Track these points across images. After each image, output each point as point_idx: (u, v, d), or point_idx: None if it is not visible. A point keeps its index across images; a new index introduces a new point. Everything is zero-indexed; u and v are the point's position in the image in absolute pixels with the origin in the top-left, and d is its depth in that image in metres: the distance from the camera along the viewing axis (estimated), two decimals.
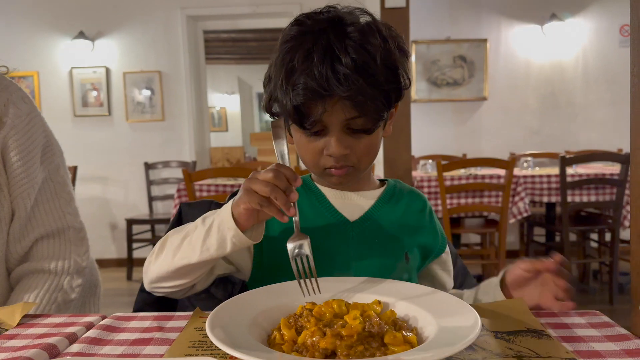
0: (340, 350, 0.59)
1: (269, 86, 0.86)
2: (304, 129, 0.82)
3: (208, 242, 0.79)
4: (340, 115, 0.81)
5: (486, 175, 3.48)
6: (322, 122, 0.81)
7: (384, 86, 0.80)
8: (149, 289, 0.90)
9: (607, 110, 4.62)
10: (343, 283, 0.81)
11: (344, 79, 0.76)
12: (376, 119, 0.83)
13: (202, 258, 0.80)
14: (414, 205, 0.99)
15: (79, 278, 1.20)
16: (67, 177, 1.25)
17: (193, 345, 0.70)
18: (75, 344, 0.71)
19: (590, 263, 3.86)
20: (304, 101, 0.79)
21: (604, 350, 0.66)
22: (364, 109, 0.80)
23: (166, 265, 0.83)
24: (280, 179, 0.72)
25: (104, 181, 4.82)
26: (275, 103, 0.85)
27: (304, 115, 0.80)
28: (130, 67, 4.78)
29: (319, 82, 0.77)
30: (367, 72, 0.78)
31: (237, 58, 9.02)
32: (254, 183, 0.73)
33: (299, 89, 0.78)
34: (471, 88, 4.61)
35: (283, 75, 0.80)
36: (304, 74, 0.78)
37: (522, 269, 0.85)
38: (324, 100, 0.78)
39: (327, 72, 0.76)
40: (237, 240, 0.77)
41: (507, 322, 0.76)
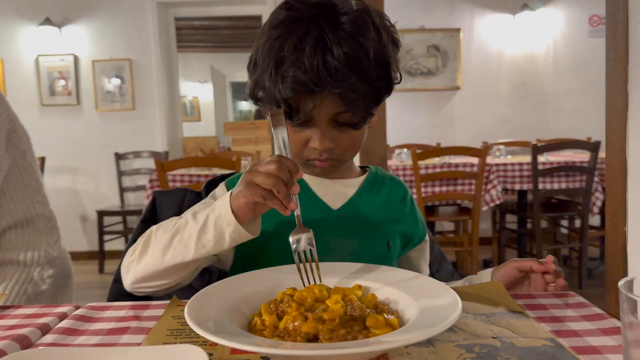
0: (323, 334, 0.59)
1: (255, 72, 0.83)
2: (291, 120, 0.80)
3: (204, 238, 0.75)
4: (328, 110, 0.79)
5: (460, 164, 3.52)
6: (310, 115, 0.80)
7: (375, 82, 0.79)
8: (130, 290, 0.85)
9: (576, 99, 4.70)
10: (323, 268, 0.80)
11: (335, 73, 0.74)
12: (364, 115, 0.82)
13: (198, 255, 0.76)
14: (395, 193, 0.99)
15: (50, 269, 1.17)
16: (35, 164, 1.20)
17: (171, 334, 0.69)
18: (49, 335, 0.69)
19: (560, 249, 3.94)
20: (294, 95, 0.76)
21: (580, 329, 0.67)
22: (354, 105, 0.78)
23: (154, 264, 0.79)
24: (283, 171, 0.69)
25: (73, 172, 4.71)
26: (261, 90, 0.82)
27: (292, 109, 0.78)
28: (100, 55, 4.67)
29: (309, 76, 0.74)
30: (359, 68, 0.76)
31: (210, 46, 8.89)
32: (255, 175, 0.70)
33: (289, 81, 0.75)
34: (445, 77, 4.65)
35: (272, 64, 0.77)
36: (294, 65, 0.75)
37: (515, 267, 0.86)
38: (314, 94, 0.76)
39: (319, 64, 0.74)
40: (237, 235, 0.74)
41: (486, 304, 0.77)
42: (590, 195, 3.36)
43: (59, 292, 1.24)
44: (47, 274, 1.16)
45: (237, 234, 0.74)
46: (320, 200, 0.92)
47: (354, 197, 0.94)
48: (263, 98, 0.84)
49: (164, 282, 0.82)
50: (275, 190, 0.69)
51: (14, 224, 1.12)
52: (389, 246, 0.93)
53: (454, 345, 0.63)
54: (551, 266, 0.84)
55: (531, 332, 0.67)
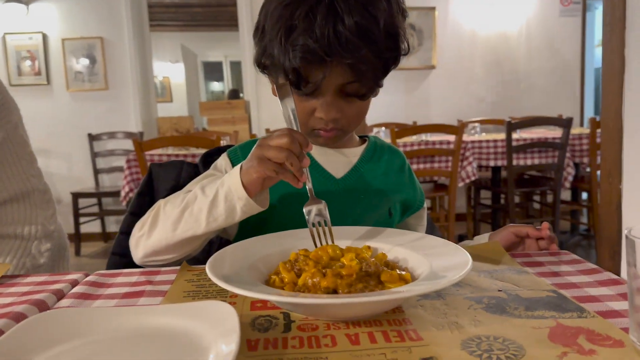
0: (342, 289, 0.61)
1: (263, 39, 0.82)
2: (299, 90, 0.80)
3: (215, 212, 0.76)
4: (337, 79, 0.79)
5: (436, 142, 3.57)
6: (319, 85, 0.80)
7: (384, 54, 0.79)
8: (140, 263, 0.86)
9: (547, 78, 4.81)
10: None
11: (346, 43, 0.74)
12: (372, 86, 0.83)
13: (210, 229, 0.77)
14: (394, 162, 1.01)
15: (48, 242, 1.16)
16: (27, 137, 1.19)
17: (188, 295, 0.70)
18: (65, 299, 0.70)
19: (533, 223, 4.06)
20: (304, 64, 0.76)
21: (579, 282, 0.71)
22: (363, 76, 0.79)
23: (165, 238, 0.80)
24: (295, 144, 0.69)
25: (45, 154, 4.60)
26: (269, 59, 0.81)
27: (302, 78, 0.78)
28: (70, 34, 4.54)
29: (320, 45, 0.74)
30: (370, 39, 0.76)
31: (181, 25, 8.73)
32: (267, 150, 0.70)
33: (299, 50, 0.75)
34: (420, 57, 4.68)
35: (282, 32, 0.76)
36: (305, 34, 0.75)
37: (513, 232, 0.90)
38: (324, 64, 0.76)
39: (330, 33, 0.74)
40: (248, 208, 0.75)
41: (487, 262, 0.81)
42: (562, 171, 3.46)
43: (55, 265, 1.23)
44: (44, 248, 1.15)
45: (248, 207, 0.75)
46: (324, 170, 0.93)
47: (356, 166, 0.95)
48: (270, 66, 0.83)
49: (175, 255, 0.83)
50: (289, 163, 0.69)
51: (9, 198, 1.11)
52: (390, 213, 0.96)
53: (463, 298, 0.66)
54: (546, 232, 0.88)
55: (534, 285, 0.71)
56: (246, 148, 0.95)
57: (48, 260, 1.17)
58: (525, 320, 0.59)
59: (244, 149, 0.96)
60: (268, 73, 0.87)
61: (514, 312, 0.62)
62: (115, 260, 1.14)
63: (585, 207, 4.08)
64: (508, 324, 0.58)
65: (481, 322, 0.59)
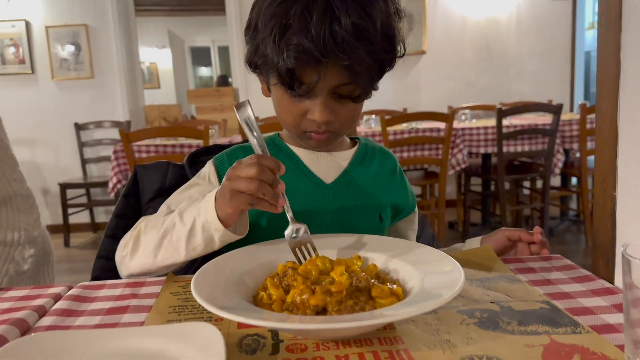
0: (331, 306, 0.60)
1: (255, 37, 0.79)
2: (293, 91, 0.77)
3: (193, 241, 0.77)
4: (331, 81, 0.76)
5: (427, 129, 3.55)
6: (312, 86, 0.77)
7: (380, 55, 0.76)
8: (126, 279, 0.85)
9: (537, 62, 4.79)
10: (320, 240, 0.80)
11: (342, 43, 0.71)
12: (367, 89, 0.80)
13: (190, 257, 0.78)
14: (385, 165, 0.99)
15: (32, 248, 1.14)
16: (7, 141, 1.15)
17: (174, 310, 0.69)
18: (46, 317, 0.68)
19: (522, 209, 4.08)
20: (298, 64, 0.73)
21: (572, 291, 0.70)
22: (358, 77, 0.76)
23: (148, 264, 0.81)
24: (265, 173, 0.68)
25: (31, 144, 4.54)
26: (262, 58, 0.78)
27: (295, 79, 0.75)
28: (53, 21, 4.44)
29: (316, 45, 0.71)
30: (366, 40, 0.73)
31: (167, 9, 8.58)
32: (238, 183, 0.69)
33: (293, 50, 0.72)
34: (410, 42, 4.62)
35: (276, 30, 0.73)
36: (300, 33, 0.71)
37: (506, 236, 0.89)
38: (320, 65, 0.73)
39: (325, 33, 0.71)
40: (226, 238, 0.76)
41: (479, 269, 0.79)
42: (552, 157, 3.46)
43: (40, 270, 1.21)
44: (28, 254, 1.12)
45: (226, 237, 0.76)
46: (313, 175, 0.91)
47: (347, 170, 0.93)
48: (262, 66, 0.80)
49: (162, 273, 0.83)
50: (261, 193, 0.68)
51: None
52: (380, 218, 0.94)
53: (455, 311, 0.65)
54: (538, 237, 0.87)
55: (526, 295, 0.69)
56: (233, 155, 0.93)
57: (32, 266, 1.15)
58: (518, 337, 0.58)
59: (230, 156, 0.93)
60: (259, 73, 0.84)
61: (507, 327, 0.60)
62: (101, 264, 1.12)
63: (574, 193, 4.10)
64: (501, 341, 0.57)
65: (474, 340, 0.57)
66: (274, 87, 0.82)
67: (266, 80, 0.84)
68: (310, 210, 0.88)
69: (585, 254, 3.51)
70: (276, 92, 0.83)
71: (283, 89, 0.79)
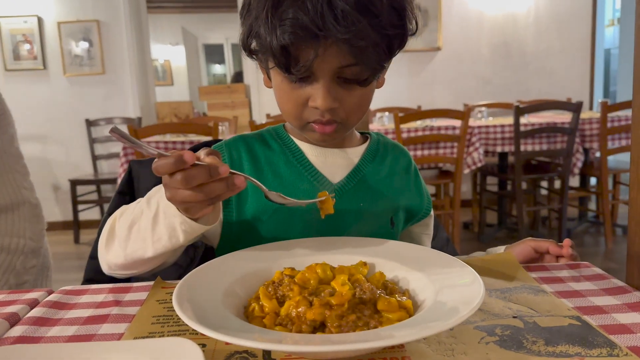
0: (331, 322, 0.52)
1: (248, 17, 0.70)
2: (290, 73, 0.69)
3: (158, 231, 0.66)
4: (333, 62, 0.68)
5: (442, 127, 3.46)
6: (311, 67, 0.68)
7: (388, 30, 0.67)
8: (109, 274, 0.77)
9: (556, 59, 4.66)
10: (322, 243, 0.73)
11: (343, 17, 0.63)
12: (375, 69, 0.70)
13: (157, 251, 0.67)
14: (399, 163, 0.90)
15: (34, 259, 1.10)
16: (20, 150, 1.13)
17: (157, 321, 0.62)
18: (17, 327, 0.61)
19: (540, 210, 3.96)
20: (294, 41, 0.65)
21: (605, 305, 0.62)
22: (363, 56, 0.67)
23: (120, 257, 0.71)
24: (193, 177, 0.56)
25: (42, 140, 4.52)
26: (256, 39, 0.70)
27: (291, 58, 0.67)
28: (65, 17, 4.42)
29: (312, 18, 0.63)
30: (371, 12, 0.64)
31: (181, 7, 8.56)
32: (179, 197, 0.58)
33: (288, 25, 0.64)
34: (425, 38, 4.54)
35: (269, 5, 0.65)
36: (294, 6, 0.63)
37: (532, 246, 0.81)
38: (317, 41, 0.65)
39: (323, 6, 0.63)
40: (188, 227, 0.64)
41: (499, 277, 0.72)
42: (571, 156, 3.35)
43: (38, 284, 1.16)
44: (30, 264, 1.09)
45: (187, 225, 0.64)
46: (318, 173, 0.82)
47: (356, 168, 0.84)
48: (258, 49, 0.72)
49: (138, 270, 0.74)
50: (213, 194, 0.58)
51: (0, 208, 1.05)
52: (392, 223, 0.85)
53: (472, 328, 0.57)
54: (568, 250, 0.79)
55: (553, 309, 0.62)
56: (233, 145, 0.85)
57: (32, 277, 1.10)
58: (545, 359, 0.50)
59: (230, 146, 0.85)
60: (257, 57, 0.75)
61: (532, 346, 0.53)
62: (94, 265, 1.05)
63: (594, 194, 3.97)
64: None
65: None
66: (273, 73, 0.75)
67: (264, 66, 0.76)
68: (312, 212, 0.80)
69: (604, 257, 3.39)
70: (275, 78, 0.75)
71: (282, 74, 0.70)
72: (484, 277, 0.70)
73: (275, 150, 0.84)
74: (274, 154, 0.83)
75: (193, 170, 0.56)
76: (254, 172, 0.81)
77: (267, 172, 0.82)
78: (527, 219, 3.94)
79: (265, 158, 0.83)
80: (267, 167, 0.82)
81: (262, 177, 0.81)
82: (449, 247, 1.17)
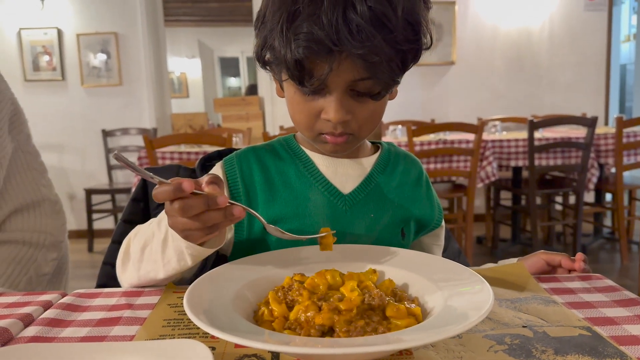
0: (339, 327, 0.52)
1: (263, 29, 0.71)
2: (303, 86, 0.70)
3: (167, 254, 0.67)
4: (347, 75, 0.68)
5: (455, 140, 3.45)
6: (325, 81, 0.68)
7: (402, 45, 0.67)
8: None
9: (571, 73, 4.64)
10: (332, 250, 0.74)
11: (358, 32, 0.63)
12: (388, 84, 0.71)
13: (168, 272, 0.69)
14: (410, 173, 0.90)
15: (54, 252, 1.12)
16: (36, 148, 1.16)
17: (168, 324, 0.62)
18: (31, 327, 0.62)
19: (554, 225, 3.92)
20: (308, 55, 0.65)
21: (616, 316, 0.62)
22: (377, 70, 0.67)
23: (134, 278, 0.73)
24: (190, 207, 0.57)
25: (59, 149, 4.59)
26: (270, 51, 0.71)
27: (305, 72, 0.67)
28: (84, 29, 4.50)
29: (327, 33, 0.63)
30: (385, 27, 0.64)
31: (197, 20, 8.68)
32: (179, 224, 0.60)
33: (302, 39, 0.64)
34: (439, 52, 4.55)
35: (284, 18, 0.65)
36: (309, 21, 0.64)
37: (545, 259, 0.81)
38: (332, 56, 0.65)
39: (338, 20, 0.63)
40: (194, 251, 0.65)
41: (509, 288, 0.71)
42: (586, 172, 3.32)
43: (56, 277, 1.18)
44: (51, 257, 1.12)
45: (193, 249, 0.65)
46: (329, 183, 0.82)
47: (367, 179, 0.84)
48: (272, 61, 0.72)
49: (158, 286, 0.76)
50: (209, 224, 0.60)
51: (20, 207, 1.09)
52: (403, 234, 0.85)
53: (482, 336, 0.57)
54: (580, 265, 0.79)
55: (563, 319, 0.61)
56: (243, 157, 0.86)
57: (52, 270, 1.13)
58: None
59: (240, 158, 0.86)
60: (270, 69, 0.76)
61: (542, 355, 0.53)
62: (107, 271, 1.07)
63: (609, 210, 3.93)
64: None
65: None
66: (286, 85, 0.75)
67: (278, 77, 0.76)
68: (323, 222, 0.80)
69: (620, 274, 3.34)
70: (288, 89, 0.76)
71: (295, 85, 0.71)
72: (494, 287, 0.70)
73: (286, 160, 0.84)
74: (284, 165, 0.84)
75: (191, 200, 0.57)
76: (264, 183, 0.82)
77: (277, 183, 0.82)
78: (541, 235, 3.90)
79: (276, 169, 0.84)
80: (277, 178, 0.83)
81: (273, 188, 0.82)
82: (460, 258, 1.16)
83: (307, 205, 0.81)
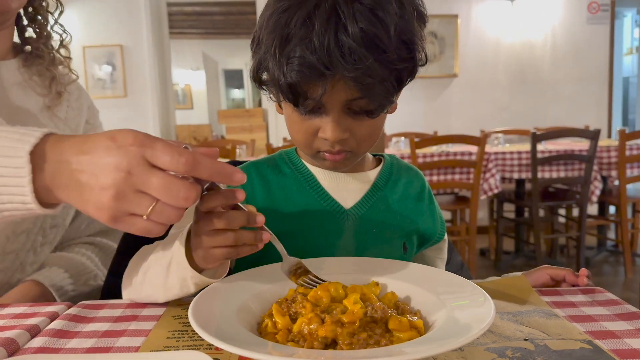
0: (342, 339, 0.53)
1: (258, 51, 0.72)
2: (298, 108, 0.70)
3: (170, 280, 0.67)
4: (341, 96, 0.68)
5: (457, 152, 3.47)
6: (320, 101, 0.69)
7: (396, 65, 0.67)
8: None
9: (573, 87, 4.67)
10: (335, 263, 0.74)
11: (350, 54, 0.63)
12: (382, 102, 0.71)
13: (169, 298, 0.70)
14: (412, 186, 0.89)
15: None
16: None
17: (172, 336, 0.63)
18: (38, 338, 0.63)
19: (557, 238, 3.92)
20: (300, 79, 0.65)
21: (618, 330, 0.62)
22: (371, 91, 0.67)
23: (137, 298, 0.74)
24: (235, 218, 0.60)
25: None
26: (265, 72, 0.72)
27: (299, 94, 0.68)
28: (90, 41, 4.56)
29: (319, 57, 0.63)
30: (378, 48, 0.64)
31: (202, 32, 8.76)
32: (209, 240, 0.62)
33: (295, 63, 0.64)
34: (442, 65, 4.58)
35: (277, 42, 0.66)
36: (301, 45, 0.64)
37: (549, 274, 0.81)
38: (325, 78, 0.65)
39: (330, 43, 0.63)
40: (199, 280, 0.66)
41: (511, 301, 0.72)
42: (589, 184, 3.33)
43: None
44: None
45: (197, 279, 0.66)
46: (330, 198, 0.82)
47: (369, 193, 0.84)
48: (268, 82, 0.73)
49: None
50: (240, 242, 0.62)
51: None
52: (405, 248, 0.85)
53: (483, 349, 0.58)
54: (584, 281, 0.79)
55: (565, 333, 0.62)
56: (246, 170, 0.87)
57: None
58: None
59: (244, 170, 0.87)
60: (267, 89, 0.77)
61: None
62: (112, 281, 1.08)
63: (612, 222, 3.92)
64: None
65: None
66: (284, 104, 0.76)
67: (275, 97, 0.77)
68: (327, 238, 0.81)
69: (624, 287, 3.33)
70: (286, 109, 0.76)
71: (291, 106, 0.72)
72: (496, 300, 0.70)
73: (287, 175, 0.84)
74: (286, 179, 0.84)
75: (235, 212, 0.60)
76: (266, 199, 0.82)
77: (279, 198, 0.83)
78: (544, 247, 3.90)
79: (277, 184, 0.84)
80: (279, 193, 0.83)
81: (275, 203, 0.82)
82: (463, 271, 1.17)
83: (308, 220, 0.81)
